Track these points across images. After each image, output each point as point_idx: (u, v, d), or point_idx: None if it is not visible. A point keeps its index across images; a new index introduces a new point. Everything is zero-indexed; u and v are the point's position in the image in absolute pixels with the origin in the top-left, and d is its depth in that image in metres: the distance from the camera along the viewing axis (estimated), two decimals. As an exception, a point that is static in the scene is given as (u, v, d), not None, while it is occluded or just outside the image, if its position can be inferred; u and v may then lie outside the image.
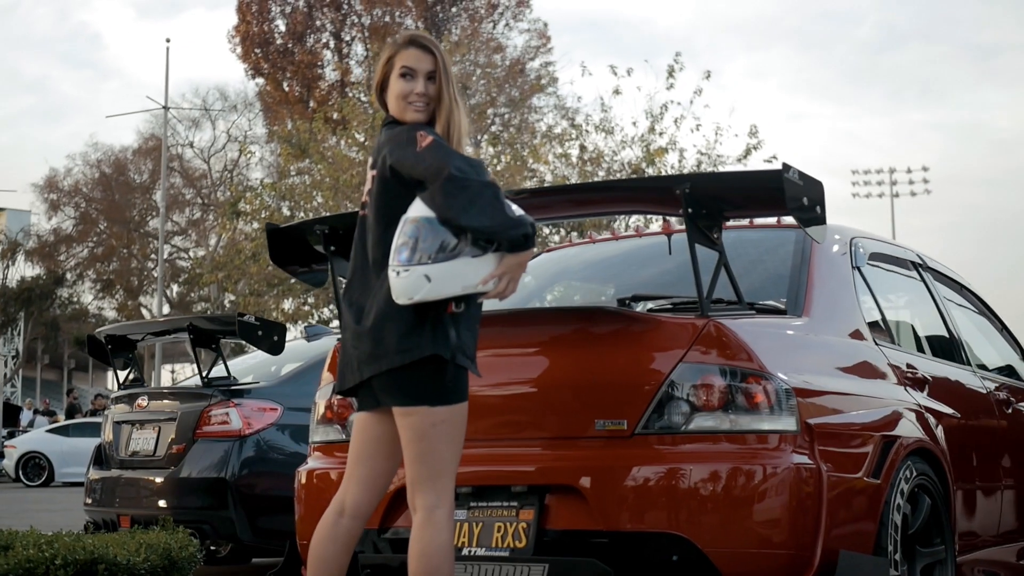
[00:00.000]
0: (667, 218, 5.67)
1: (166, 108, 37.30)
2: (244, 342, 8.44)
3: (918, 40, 49.64)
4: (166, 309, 39.20)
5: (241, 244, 31.28)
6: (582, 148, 29.20)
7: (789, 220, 5.52)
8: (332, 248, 5.06)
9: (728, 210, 4.53)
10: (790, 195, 4.30)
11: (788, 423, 4.32)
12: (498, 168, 28.67)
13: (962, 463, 5.36)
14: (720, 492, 4.26)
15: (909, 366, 5.29)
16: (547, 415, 4.57)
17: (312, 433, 5.25)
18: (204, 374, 8.51)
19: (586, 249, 6.08)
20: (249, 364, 9.45)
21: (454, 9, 41.29)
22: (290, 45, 41.26)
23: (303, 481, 5.18)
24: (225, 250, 34.84)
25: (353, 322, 4.17)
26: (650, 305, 4.90)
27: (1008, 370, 6.62)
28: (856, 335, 5.04)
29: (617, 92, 29.19)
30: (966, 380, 5.86)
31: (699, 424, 4.35)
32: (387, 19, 40.88)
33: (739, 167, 27.13)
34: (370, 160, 4.29)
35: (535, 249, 4.07)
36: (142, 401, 8.73)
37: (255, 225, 30.42)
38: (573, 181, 27.80)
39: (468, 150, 4.22)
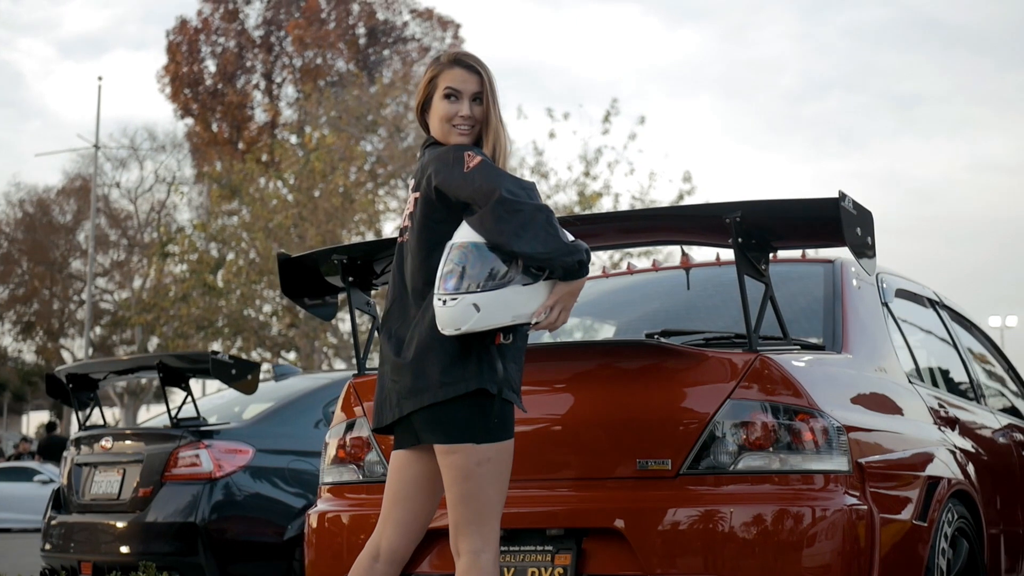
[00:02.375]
0: (685, 252, 5.50)
1: (97, 147, 36.75)
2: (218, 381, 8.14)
3: (839, 89, 50.26)
4: (90, 351, 38.45)
5: (169, 286, 30.82)
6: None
7: (813, 253, 5.39)
8: (350, 279, 4.83)
9: (776, 240, 4.35)
10: (847, 225, 4.13)
11: (840, 463, 4.14)
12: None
13: (991, 505, 5.22)
14: (772, 535, 4.06)
15: (940, 405, 5.15)
16: (584, 454, 4.36)
17: (323, 474, 5.00)
18: (173, 414, 8.19)
19: (599, 283, 5.88)
20: (214, 404, 9.14)
21: (386, 52, 41.13)
22: (220, 86, 40.86)
23: (314, 525, 4.91)
24: (151, 292, 34.31)
25: (392, 354, 3.94)
26: (681, 341, 4.71)
27: (1012, 410, 6.51)
28: (892, 372, 4.88)
29: (552, 136, 29.32)
30: (988, 421, 5.73)
31: (748, 464, 4.16)
32: (319, 61, 40.62)
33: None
34: (411, 182, 4.08)
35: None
36: (105, 443, 8.40)
37: (183, 267, 30.04)
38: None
39: (401, 194, 4.02)
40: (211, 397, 9.52)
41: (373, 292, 5.05)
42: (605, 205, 28.33)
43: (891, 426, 4.58)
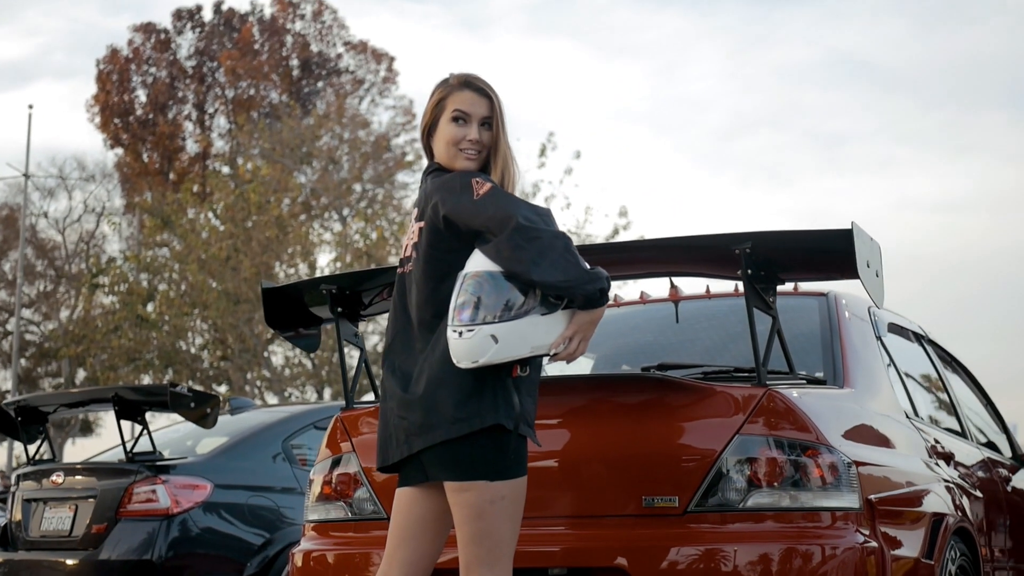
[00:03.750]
0: (674, 283, 5.40)
1: (27, 176, 36.20)
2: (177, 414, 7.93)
3: (766, 127, 50.71)
4: (16, 384, 37.78)
5: (99, 317, 30.36)
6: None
7: (806, 287, 5.31)
8: (339, 310, 4.69)
9: (784, 272, 4.26)
10: (859, 257, 4.05)
11: (851, 500, 4.05)
12: (364, 244, 28.42)
13: (987, 542, 5.16)
14: (784, 575, 3.95)
15: (936, 440, 5.08)
16: (587, 490, 4.23)
17: (308, 512, 4.83)
18: (129, 448, 7.96)
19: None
20: (167, 438, 8.89)
21: (320, 84, 40.91)
22: (151, 116, 40.43)
23: (299, 564, 4.74)
24: (79, 323, 33.80)
25: (399, 389, 3.78)
26: (681, 374, 4.60)
27: (991, 445, 6.47)
28: (891, 407, 4.81)
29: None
30: (976, 456, 5.67)
31: (757, 501, 4.05)
32: (252, 92, 40.32)
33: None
34: (414, 212, 3.93)
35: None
36: (56, 477, 8.14)
37: (113, 298, 29.64)
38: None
39: (336, 227, 3.89)
40: (164, 431, 9.28)
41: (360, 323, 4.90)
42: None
43: (896, 462, 4.50)
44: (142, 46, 41.09)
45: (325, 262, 29.84)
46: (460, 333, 3.55)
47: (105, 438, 38.53)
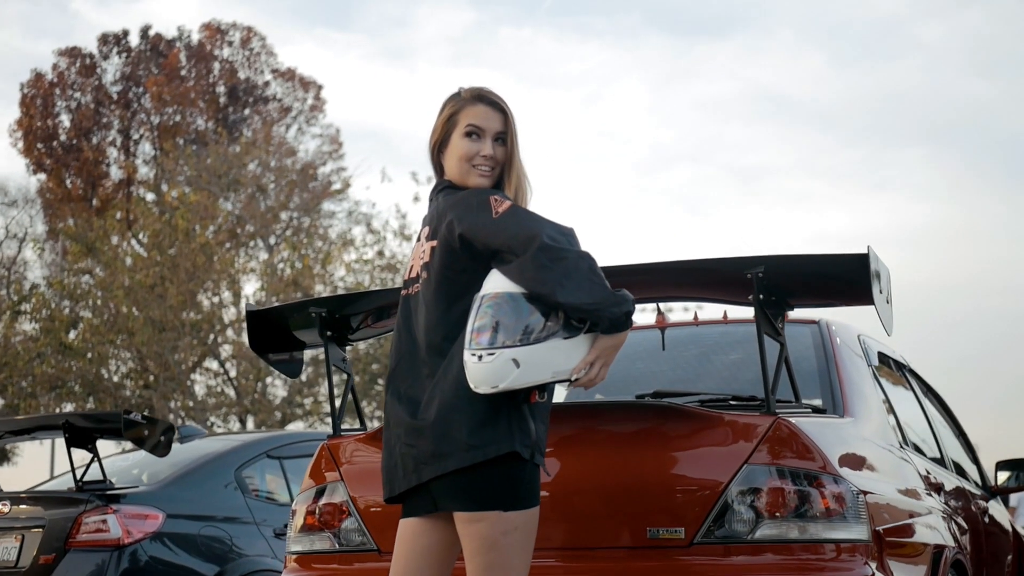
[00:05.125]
0: (661, 311, 5.30)
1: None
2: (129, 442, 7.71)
3: (687, 160, 50.90)
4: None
5: (20, 344, 29.81)
6: (380, 254, 29.23)
7: (794, 314, 5.22)
8: (329, 333, 4.54)
9: (794, 298, 4.17)
10: (874, 283, 3.97)
11: (860, 531, 3.96)
12: (289, 272, 28.24)
13: (977, 574, 5.11)
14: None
15: (927, 471, 5.02)
16: (590, 521, 4.10)
17: (291, 543, 4.66)
18: (79, 477, 7.72)
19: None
20: (116, 467, 8.65)
21: (247, 111, 40.57)
22: (75, 141, 39.88)
23: (282, 596, 4.58)
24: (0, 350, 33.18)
25: (407, 416, 3.63)
26: (676, 403, 4.50)
27: (962, 473, 6.43)
28: (887, 437, 4.74)
29: (417, 199, 29.24)
30: (960, 487, 5.62)
31: (766, 533, 3.95)
32: (178, 118, 39.90)
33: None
34: (425, 230, 3.79)
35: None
36: (2, 506, 7.89)
37: (35, 325, 29.16)
38: (369, 287, 27.48)
39: (262, 255, 3.75)
40: (112, 459, 9.03)
41: (348, 348, 4.75)
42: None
43: (897, 493, 4.43)
44: (67, 70, 40.54)
45: (252, 291, 29.58)
46: (480, 357, 3.42)
47: (22, 467, 37.77)
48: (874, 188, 49.59)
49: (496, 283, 3.51)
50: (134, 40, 41.17)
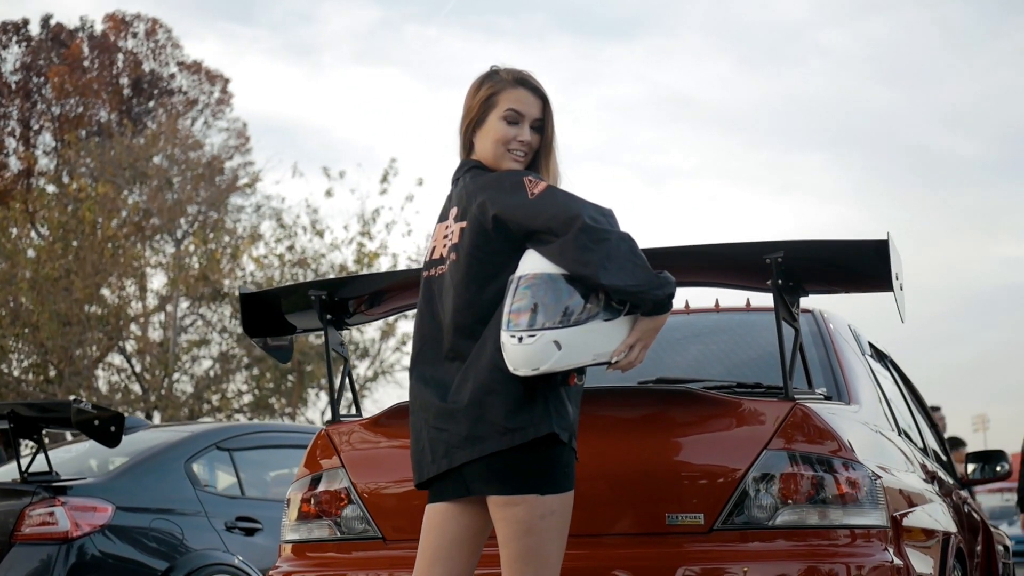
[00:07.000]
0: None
1: None
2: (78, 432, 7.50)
3: (593, 161, 51.13)
4: None
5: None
6: (290, 249, 29.01)
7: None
8: (329, 317, 4.44)
9: (810, 284, 4.14)
10: (895, 269, 3.95)
11: (879, 517, 3.95)
12: (198, 266, 27.94)
13: (972, 562, 5.13)
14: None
15: (923, 460, 5.03)
16: (609, 508, 4.05)
17: (287, 531, 4.54)
18: (24, 468, 7.50)
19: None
20: (61, 458, 8.40)
21: (152, 103, 39.99)
22: (-28, 131, 39.08)
23: (278, 586, 4.46)
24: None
25: (436, 399, 3.54)
26: (694, 388, 4.44)
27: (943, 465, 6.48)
28: (889, 425, 4.74)
29: (330, 194, 29.03)
30: (944, 477, 5.64)
31: (785, 518, 3.92)
32: (80, 109, 39.20)
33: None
34: (452, 211, 3.69)
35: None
36: (-57, 499, 7.65)
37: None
38: (279, 281, 27.25)
39: (169, 249, 3.67)
40: (56, 450, 8.79)
41: (344, 332, 4.65)
42: (383, 265, 28.06)
43: (907, 480, 4.43)
44: (-36, 59, 39.70)
45: (159, 285, 29.23)
46: (520, 339, 3.35)
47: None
48: (780, 191, 50.19)
49: (533, 264, 3.44)
50: (35, 29, 40.42)
